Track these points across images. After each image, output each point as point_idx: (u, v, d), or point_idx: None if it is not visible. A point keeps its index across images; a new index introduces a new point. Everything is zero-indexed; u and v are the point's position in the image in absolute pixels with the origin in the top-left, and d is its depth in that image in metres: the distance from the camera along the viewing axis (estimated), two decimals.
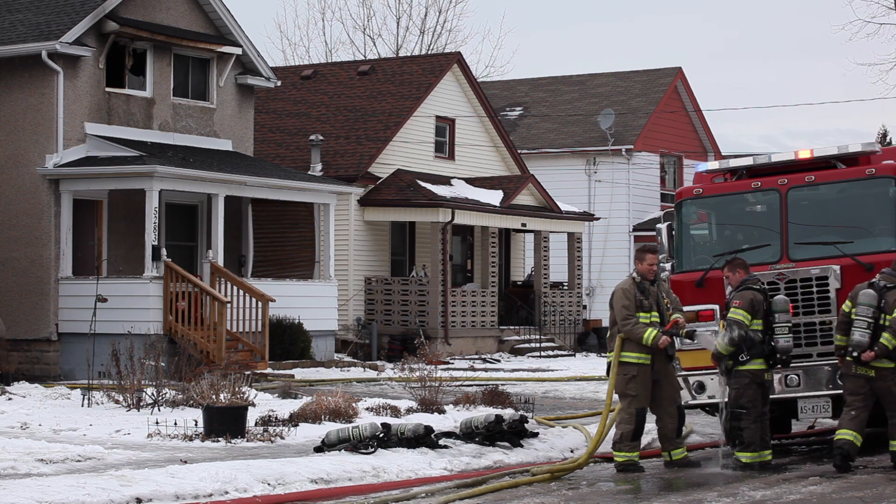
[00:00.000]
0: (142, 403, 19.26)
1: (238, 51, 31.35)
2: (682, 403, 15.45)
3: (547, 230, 39.08)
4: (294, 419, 17.50)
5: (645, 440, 16.87)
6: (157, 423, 16.99)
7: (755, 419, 14.34)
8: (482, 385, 22.88)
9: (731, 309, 14.40)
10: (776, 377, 15.03)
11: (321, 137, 35.38)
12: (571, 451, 15.85)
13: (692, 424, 17.92)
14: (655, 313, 14.65)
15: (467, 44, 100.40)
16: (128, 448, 15.61)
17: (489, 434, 15.84)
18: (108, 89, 28.92)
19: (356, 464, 14.07)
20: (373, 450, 14.73)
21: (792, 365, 15.02)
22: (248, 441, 16.12)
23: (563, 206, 39.70)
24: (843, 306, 14.44)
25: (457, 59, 39.41)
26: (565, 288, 40.07)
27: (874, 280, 14.32)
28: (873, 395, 14.29)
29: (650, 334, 14.43)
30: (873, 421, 17.95)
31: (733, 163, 16.36)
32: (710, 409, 16.17)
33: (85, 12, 28.40)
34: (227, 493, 12.54)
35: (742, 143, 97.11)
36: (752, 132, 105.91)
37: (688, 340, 14.93)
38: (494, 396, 19.18)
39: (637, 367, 14.55)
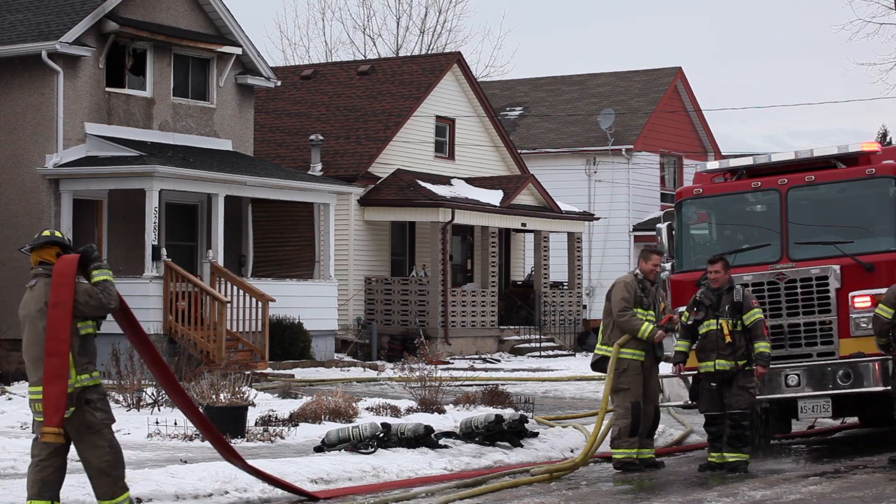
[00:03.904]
0: (142, 403, 19.26)
1: (238, 51, 31.36)
2: (682, 404, 15.48)
3: (547, 230, 39.07)
4: (294, 419, 17.50)
5: (664, 439, 16.92)
6: (157, 422, 16.98)
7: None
8: (482, 385, 22.88)
9: (756, 309, 14.43)
10: (783, 376, 15.07)
11: (321, 137, 35.37)
12: (571, 451, 15.84)
13: (692, 424, 17.94)
14: (652, 312, 14.74)
15: (467, 44, 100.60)
16: (128, 448, 15.55)
17: (489, 434, 15.85)
18: (108, 89, 28.93)
19: (356, 464, 14.07)
20: (373, 450, 14.73)
21: (792, 364, 15.07)
22: (248, 441, 16.12)
23: (563, 206, 39.70)
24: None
25: (457, 59, 39.41)
26: (565, 288, 40.07)
27: None
28: None
29: (646, 328, 14.53)
30: (874, 421, 18.00)
31: (733, 163, 16.37)
32: None
33: (85, 12, 28.40)
34: (226, 492, 12.55)
35: (745, 142, 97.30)
36: (754, 132, 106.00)
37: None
38: (494, 396, 19.19)
39: (629, 362, 14.61)
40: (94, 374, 10.20)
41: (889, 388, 14.56)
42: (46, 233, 10.45)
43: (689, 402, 15.18)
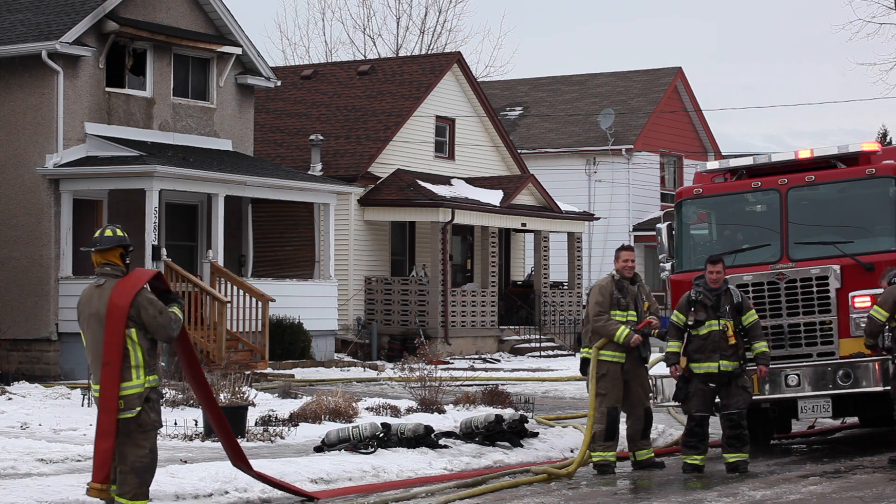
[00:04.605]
0: None
1: (238, 51, 31.34)
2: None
3: (547, 230, 39.06)
4: (294, 419, 17.50)
5: (664, 440, 16.91)
6: None
7: None
8: (482, 385, 22.88)
9: (753, 309, 14.56)
10: (783, 376, 15.07)
11: (321, 137, 35.36)
12: (571, 451, 15.84)
13: None
14: (632, 312, 14.62)
15: (467, 44, 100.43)
16: None
17: (489, 434, 15.85)
18: (108, 89, 28.91)
19: (356, 464, 14.07)
20: (373, 450, 14.73)
21: (792, 364, 15.08)
22: (248, 441, 16.12)
23: (563, 206, 39.69)
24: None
25: (457, 58, 39.40)
26: (565, 288, 40.06)
27: None
28: None
29: (622, 332, 14.43)
30: (874, 421, 18.00)
31: (733, 162, 16.37)
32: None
33: (85, 12, 28.39)
34: (226, 492, 12.55)
35: (746, 142, 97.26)
36: (756, 132, 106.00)
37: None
38: (494, 396, 19.19)
39: (608, 366, 14.55)
40: (157, 376, 10.44)
41: (889, 388, 14.56)
42: (109, 233, 10.47)
43: (674, 401, 15.04)
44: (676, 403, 15.39)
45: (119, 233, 10.46)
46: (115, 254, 10.41)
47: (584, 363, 14.95)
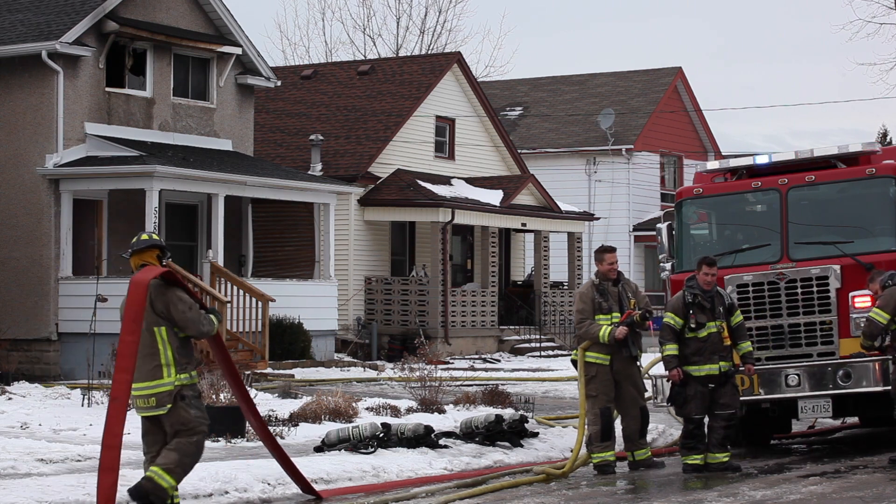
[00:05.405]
0: None
1: (238, 51, 31.34)
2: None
3: (547, 230, 39.06)
4: (294, 419, 17.50)
5: (664, 440, 16.92)
6: None
7: None
8: (482, 385, 22.87)
9: (739, 309, 14.63)
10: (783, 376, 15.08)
11: (321, 137, 35.36)
12: (571, 451, 15.83)
13: None
14: (616, 314, 14.55)
15: (467, 44, 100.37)
16: (128, 448, 15.49)
17: (489, 434, 15.85)
18: (108, 89, 28.91)
19: (356, 464, 14.07)
20: (373, 450, 14.73)
21: (793, 364, 15.08)
22: (248, 441, 16.12)
23: (563, 206, 39.69)
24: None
25: (457, 58, 39.40)
26: (565, 288, 40.05)
27: None
28: None
29: (605, 332, 14.38)
30: (874, 421, 18.01)
31: (733, 162, 16.37)
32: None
33: (85, 12, 28.39)
34: (226, 492, 12.54)
35: (747, 142, 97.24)
36: (756, 132, 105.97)
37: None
38: (494, 396, 19.18)
39: (596, 367, 14.54)
40: (193, 374, 10.69)
41: (889, 388, 14.56)
42: (145, 236, 10.94)
43: (669, 404, 15.02)
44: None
45: (154, 237, 10.92)
46: (152, 255, 10.79)
47: (575, 363, 14.97)
